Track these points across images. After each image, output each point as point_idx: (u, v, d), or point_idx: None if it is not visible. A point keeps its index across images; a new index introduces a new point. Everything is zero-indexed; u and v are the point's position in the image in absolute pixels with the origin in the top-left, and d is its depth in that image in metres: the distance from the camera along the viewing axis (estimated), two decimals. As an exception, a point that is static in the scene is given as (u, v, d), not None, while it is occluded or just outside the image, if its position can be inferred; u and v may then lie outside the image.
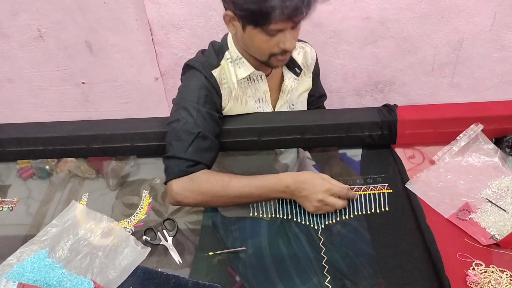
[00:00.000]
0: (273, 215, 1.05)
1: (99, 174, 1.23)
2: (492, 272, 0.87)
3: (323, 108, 1.41)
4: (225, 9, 1.03)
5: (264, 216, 1.05)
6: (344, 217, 1.03)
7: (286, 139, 1.17)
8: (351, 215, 1.03)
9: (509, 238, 0.91)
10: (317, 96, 1.34)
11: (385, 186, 1.07)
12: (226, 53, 1.13)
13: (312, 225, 1.02)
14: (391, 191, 1.07)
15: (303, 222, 1.03)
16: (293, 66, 1.21)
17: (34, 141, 1.17)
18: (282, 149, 1.26)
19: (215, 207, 1.11)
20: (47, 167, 1.25)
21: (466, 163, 1.11)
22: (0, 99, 1.81)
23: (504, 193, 1.02)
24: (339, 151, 1.26)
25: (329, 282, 0.91)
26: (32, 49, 1.65)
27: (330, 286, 0.90)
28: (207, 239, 1.06)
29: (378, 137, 1.16)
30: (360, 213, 1.03)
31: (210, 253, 0.99)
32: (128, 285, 0.91)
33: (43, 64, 1.69)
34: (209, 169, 1.05)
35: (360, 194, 1.06)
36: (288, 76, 1.21)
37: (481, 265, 0.88)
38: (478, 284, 0.85)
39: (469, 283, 0.85)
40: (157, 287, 0.91)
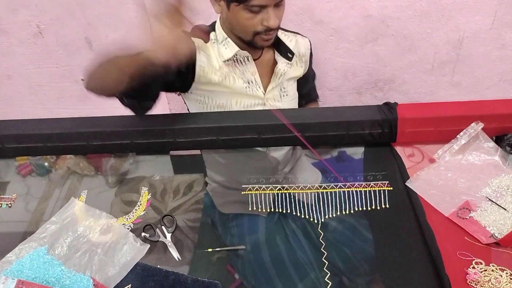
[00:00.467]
0: (271, 209, 1.05)
1: (98, 171, 1.23)
2: (492, 270, 0.86)
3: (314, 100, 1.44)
4: None
5: (263, 210, 1.05)
6: (344, 212, 1.03)
7: (286, 137, 1.16)
8: (351, 211, 1.03)
9: (509, 236, 0.91)
10: (307, 78, 1.36)
11: (385, 183, 1.07)
12: (211, 34, 1.15)
13: (311, 219, 1.02)
14: (391, 188, 1.06)
15: (303, 216, 1.03)
16: (285, 52, 1.23)
17: (33, 137, 1.16)
18: None
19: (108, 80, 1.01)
20: (46, 164, 1.24)
21: (466, 161, 1.11)
22: (-1, 96, 1.81)
23: (504, 192, 1.02)
24: (339, 149, 1.26)
25: (329, 279, 0.90)
26: (31, 45, 1.64)
27: (330, 283, 0.90)
28: (206, 236, 1.06)
29: (378, 135, 1.16)
30: (360, 209, 1.03)
31: (209, 250, 0.99)
32: (127, 282, 0.91)
33: (42, 61, 1.69)
34: None
35: (360, 191, 1.06)
36: (281, 60, 1.23)
37: (481, 263, 0.88)
38: (478, 282, 0.85)
39: (469, 282, 0.85)
40: (157, 284, 0.91)
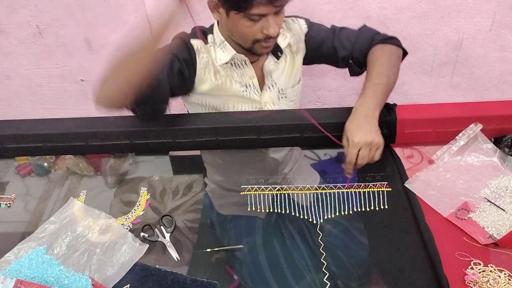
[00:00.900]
0: (270, 210, 1.05)
1: (97, 172, 1.23)
2: (491, 271, 0.87)
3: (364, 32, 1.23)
4: None
5: (262, 211, 1.05)
6: (342, 213, 1.03)
7: (286, 138, 1.16)
8: (350, 212, 1.03)
9: (507, 237, 0.91)
10: (334, 44, 1.22)
11: (384, 184, 1.07)
12: (209, 37, 1.14)
13: (310, 220, 1.02)
14: (390, 189, 1.07)
15: (301, 217, 1.03)
16: (275, 50, 1.19)
17: (32, 138, 1.16)
18: None
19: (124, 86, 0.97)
20: (45, 164, 1.24)
21: (465, 162, 1.11)
22: (-1, 96, 1.81)
23: (503, 193, 1.02)
24: (338, 150, 1.26)
25: (328, 279, 0.90)
26: (31, 45, 1.64)
27: (328, 283, 0.90)
28: (205, 237, 1.06)
29: (378, 136, 1.16)
30: (359, 210, 1.03)
31: (208, 250, 0.99)
32: (126, 281, 0.91)
33: (42, 61, 1.69)
34: None
35: (359, 192, 1.06)
36: (269, 59, 1.19)
37: (480, 264, 0.88)
38: (477, 283, 0.85)
39: (468, 282, 0.85)
40: (155, 284, 0.91)
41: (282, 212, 1.04)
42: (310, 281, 0.92)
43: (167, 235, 1.02)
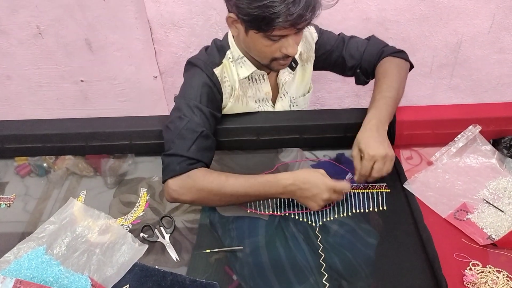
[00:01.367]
0: (271, 212, 1.05)
1: (97, 172, 1.23)
2: (489, 272, 0.87)
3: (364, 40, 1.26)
4: (229, 11, 1.03)
5: (262, 212, 1.05)
6: (342, 215, 1.03)
7: (285, 139, 1.17)
8: (349, 213, 1.03)
9: (506, 238, 0.91)
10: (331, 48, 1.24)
11: (383, 185, 1.08)
12: (228, 52, 1.13)
13: (310, 222, 1.02)
14: (389, 190, 1.07)
15: (301, 219, 1.03)
16: (291, 61, 1.18)
17: (32, 138, 1.17)
18: (283, 148, 1.26)
19: (212, 206, 1.10)
20: (45, 164, 1.24)
21: (464, 164, 1.12)
22: (-1, 96, 1.81)
23: (502, 194, 1.03)
24: (337, 151, 1.26)
25: (326, 281, 0.91)
26: (31, 46, 1.64)
27: (327, 285, 0.90)
28: (205, 237, 1.06)
29: (377, 138, 1.16)
30: (358, 211, 1.03)
31: (208, 251, 0.99)
32: (126, 282, 0.91)
33: (42, 62, 1.69)
34: (207, 167, 1.05)
35: (358, 193, 1.06)
36: (284, 70, 1.20)
37: (478, 265, 0.88)
38: (475, 284, 0.85)
39: (466, 283, 0.85)
40: (154, 284, 0.91)
41: (282, 214, 1.04)
42: (313, 282, 0.92)
43: (167, 236, 1.02)
